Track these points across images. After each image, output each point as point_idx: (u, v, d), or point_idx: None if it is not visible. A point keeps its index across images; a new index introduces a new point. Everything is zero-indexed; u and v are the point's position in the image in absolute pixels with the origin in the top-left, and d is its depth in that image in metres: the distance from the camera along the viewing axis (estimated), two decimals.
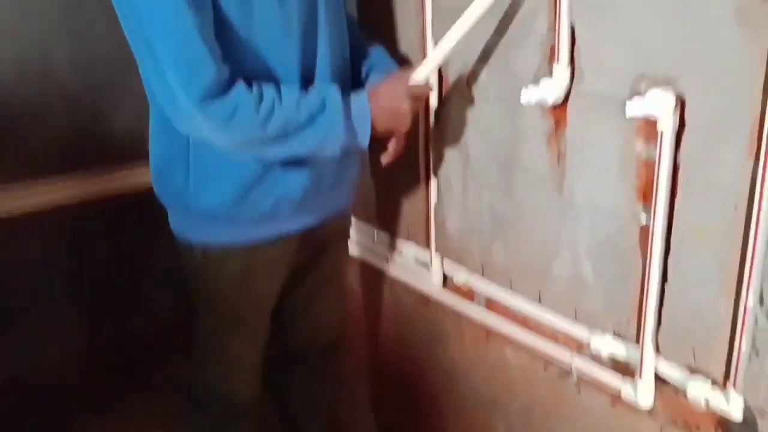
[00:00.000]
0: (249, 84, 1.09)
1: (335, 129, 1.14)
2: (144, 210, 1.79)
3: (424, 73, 1.19)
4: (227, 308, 1.35)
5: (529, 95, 1.14)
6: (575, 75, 1.13)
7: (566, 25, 1.12)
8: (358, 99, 1.17)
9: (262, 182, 1.22)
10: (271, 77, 1.15)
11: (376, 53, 1.38)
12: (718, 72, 0.94)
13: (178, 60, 1.02)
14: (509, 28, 1.23)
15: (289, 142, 1.12)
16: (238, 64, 1.10)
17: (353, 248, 1.81)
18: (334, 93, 1.15)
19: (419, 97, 1.21)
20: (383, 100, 1.17)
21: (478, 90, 1.33)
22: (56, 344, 1.88)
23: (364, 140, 1.18)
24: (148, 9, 1.00)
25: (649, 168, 1.06)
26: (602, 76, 1.09)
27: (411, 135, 1.52)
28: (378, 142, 1.24)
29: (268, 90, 1.10)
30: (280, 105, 1.09)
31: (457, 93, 1.39)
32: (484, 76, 1.31)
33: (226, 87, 1.06)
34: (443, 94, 1.42)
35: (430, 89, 1.25)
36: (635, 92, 1.04)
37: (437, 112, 1.45)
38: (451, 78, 1.39)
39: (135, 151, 1.84)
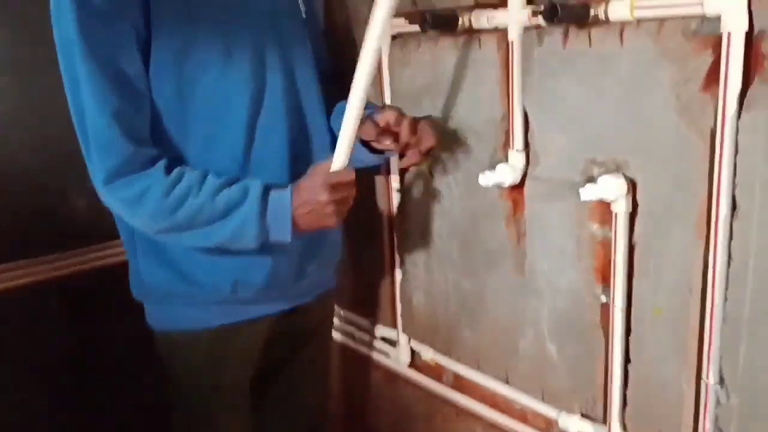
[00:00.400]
0: (175, 165, 1.08)
1: (249, 224, 1.08)
2: (106, 291, 1.76)
3: (340, 159, 1.09)
4: (199, 400, 1.28)
5: (487, 179, 1.16)
6: (530, 159, 1.16)
7: (519, 111, 1.15)
8: (278, 195, 1.10)
9: (216, 265, 1.17)
10: (212, 155, 1.12)
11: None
12: (664, 158, 0.97)
13: (96, 137, 1.03)
14: (466, 112, 1.27)
15: (200, 231, 1.08)
16: (178, 140, 1.10)
17: None
18: (257, 187, 1.09)
19: (340, 184, 1.09)
20: (303, 195, 1.09)
21: (438, 171, 1.36)
22: None
23: (283, 237, 1.10)
24: (79, 86, 1.02)
25: (605, 248, 1.08)
26: (556, 161, 1.12)
27: (375, 214, 1.55)
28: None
29: (190, 176, 1.08)
30: (197, 192, 1.07)
31: (417, 174, 1.41)
32: (443, 158, 1.34)
33: (140, 168, 1.05)
34: (404, 174, 1.45)
35: (351, 175, 1.10)
36: (588, 176, 1.07)
37: (400, 192, 1.47)
38: None
39: (95, 231, 1.82)
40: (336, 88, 1.29)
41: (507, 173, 1.17)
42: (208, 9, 1.08)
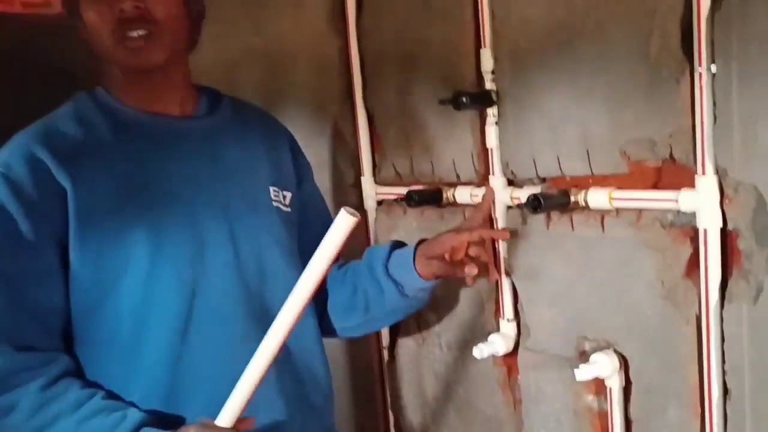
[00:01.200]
0: (71, 374, 0.97)
1: None
2: None
3: (228, 414, 0.90)
4: None
5: (481, 352, 1.18)
6: (521, 330, 1.19)
7: (507, 283, 1.19)
8: None
9: None
10: (137, 364, 0.99)
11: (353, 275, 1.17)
12: (653, 339, 1.01)
13: None
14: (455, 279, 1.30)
15: None
16: (97, 344, 0.99)
17: None
18: (131, 421, 0.93)
19: None
20: None
21: (429, 335, 1.38)
22: None
23: None
24: None
25: (602, 419, 1.10)
26: (546, 335, 1.15)
27: (365, 369, 1.56)
28: None
29: (70, 396, 0.95)
30: (67, 417, 0.93)
31: (408, 335, 1.43)
32: (433, 322, 1.36)
33: (14, 380, 0.94)
34: (394, 333, 1.47)
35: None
36: (580, 351, 1.10)
37: (390, 349, 1.48)
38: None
39: None
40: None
41: (500, 343, 1.19)
42: (140, 201, 0.99)
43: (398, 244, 1.15)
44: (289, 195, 1.12)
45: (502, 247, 1.19)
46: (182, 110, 1.06)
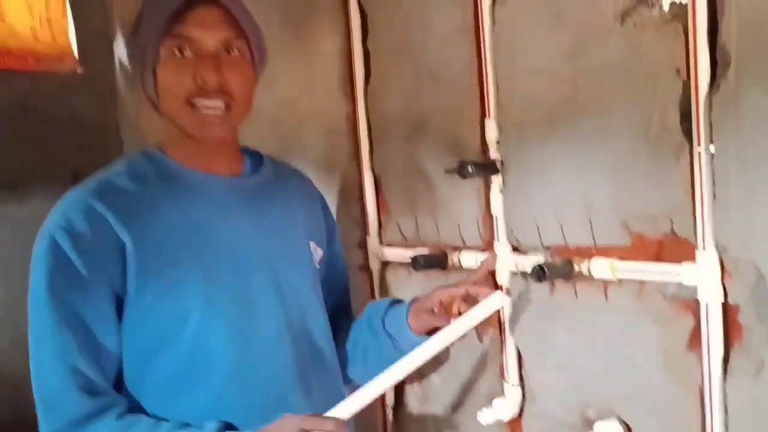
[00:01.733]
0: (125, 413, 0.99)
1: None
2: None
3: (345, 409, 0.94)
4: None
5: (486, 417, 1.19)
6: (526, 395, 1.20)
7: (512, 347, 1.21)
8: None
9: None
10: (191, 403, 1.02)
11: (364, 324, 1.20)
12: (656, 408, 1.02)
13: (48, 394, 0.98)
14: (462, 340, 1.31)
15: None
16: (155, 388, 1.02)
17: None
18: (213, 424, 0.97)
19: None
20: None
21: (432, 393, 1.39)
22: None
23: None
24: (42, 341, 0.98)
25: None
26: (552, 401, 1.16)
27: (372, 428, 1.56)
28: None
29: (143, 425, 0.98)
30: None
31: (413, 396, 1.43)
32: (438, 383, 1.37)
33: (84, 422, 0.97)
34: (399, 393, 1.47)
35: (340, 427, 0.90)
36: (584, 418, 1.11)
37: (394, 409, 1.49)
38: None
39: None
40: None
41: (505, 408, 1.20)
42: (193, 256, 1.02)
43: (397, 301, 1.18)
44: (321, 252, 1.17)
45: (506, 312, 1.21)
46: (231, 170, 1.10)
